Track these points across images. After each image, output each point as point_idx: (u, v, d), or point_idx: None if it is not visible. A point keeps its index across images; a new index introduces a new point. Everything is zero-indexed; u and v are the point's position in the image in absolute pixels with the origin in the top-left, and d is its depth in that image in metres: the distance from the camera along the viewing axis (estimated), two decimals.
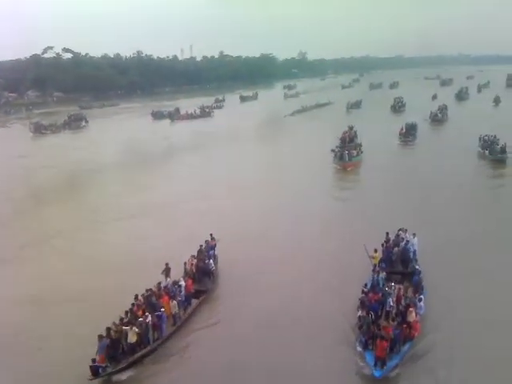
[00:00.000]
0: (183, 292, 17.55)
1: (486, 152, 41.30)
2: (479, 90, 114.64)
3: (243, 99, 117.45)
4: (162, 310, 15.95)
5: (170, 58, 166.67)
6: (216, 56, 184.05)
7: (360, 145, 42.88)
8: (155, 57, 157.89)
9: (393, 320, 15.77)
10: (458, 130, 56.58)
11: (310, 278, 20.81)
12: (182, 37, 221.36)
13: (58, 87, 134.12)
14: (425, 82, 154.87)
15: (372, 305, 16.94)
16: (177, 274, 19.20)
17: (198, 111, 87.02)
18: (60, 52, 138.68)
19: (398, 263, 20.97)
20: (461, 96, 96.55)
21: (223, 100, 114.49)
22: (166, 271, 18.86)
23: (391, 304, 17.23)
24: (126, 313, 15.54)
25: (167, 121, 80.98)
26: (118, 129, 71.71)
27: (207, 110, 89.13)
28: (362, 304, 17.02)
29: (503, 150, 39.42)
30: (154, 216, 30.00)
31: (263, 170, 41.18)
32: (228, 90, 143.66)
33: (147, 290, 16.93)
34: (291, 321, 17.43)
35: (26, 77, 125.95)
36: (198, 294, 18.82)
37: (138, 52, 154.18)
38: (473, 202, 30.12)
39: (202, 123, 76.87)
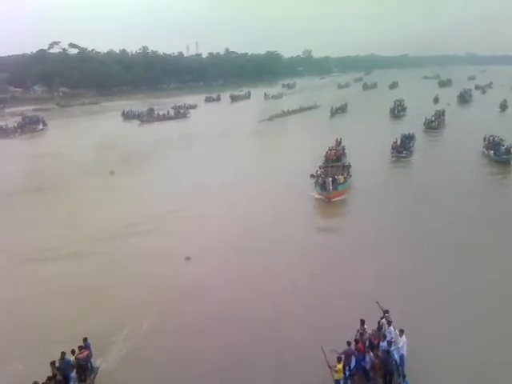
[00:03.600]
0: None
1: (491, 153, 38.35)
2: (483, 91, 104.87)
3: (234, 98, 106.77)
4: None
5: (176, 54, 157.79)
6: (222, 53, 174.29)
7: (349, 166, 32.93)
8: (161, 53, 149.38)
9: None
10: (455, 140, 47.05)
11: None
12: (188, 33, 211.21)
13: (64, 82, 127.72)
14: (424, 82, 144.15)
15: None
16: None
17: (171, 112, 77.40)
18: (66, 47, 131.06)
19: (376, 374, 13.14)
20: (464, 98, 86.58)
21: (218, 98, 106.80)
22: None
23: None
24: None
25: (137, 122, 71.36)
26: (76, 133, 61.14)
27: (182, 111, 79.41)
28: None
29: (508, 151, 36.80)
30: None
31: (218, 200, 29.08)
32: (233, 86, 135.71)
33: None
34: None
35: (31, 72, 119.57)
36: None
37: (143, 48, 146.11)
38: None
39: (172, 126, 67.32)
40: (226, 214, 26.51)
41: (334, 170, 30.83)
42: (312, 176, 29.72)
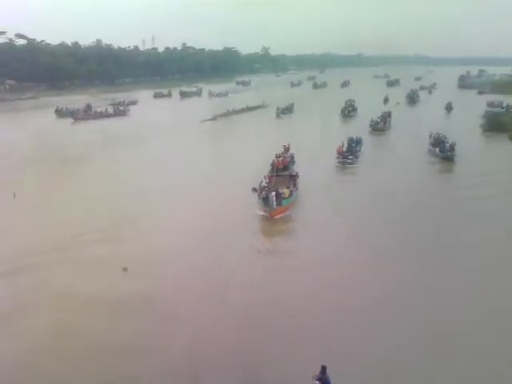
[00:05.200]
0: None
1: (436, 150, 39.54)
2: (430, 91, 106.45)
3: (184, 95, 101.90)
4: None
5: (131, 48, 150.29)
6: (179, 48, 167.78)
7: (296, 176, 29.21)
8: (115, 46, 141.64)
9: None
10: (402, 142, 46.38)
11: None
12: (144, 28, 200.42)
13: (10, 75, 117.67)
14: (374, 81, 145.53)
15: None
16: None
17: (110, 109, 71.23)
18: (13, 38, 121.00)
19: None
20: (412, 99, 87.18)
21: (169, 94, 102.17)
22: None
23: None
24: None
25: (70, 120, 64.19)
26: None
27: (122, 108, 73.07)
28: None
29: (452, 148, 38.20)
30: None
31: (150, 214, 25.09)
32: (190, 82, 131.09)
33: None
34: None
35: None
36: None
37: (97, 41, 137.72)
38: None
39: (109, 124, 61.14)
40: (155, 232, 23.06)
41: (280, 180, 27.61)
42: (254, 190, 25.64)
